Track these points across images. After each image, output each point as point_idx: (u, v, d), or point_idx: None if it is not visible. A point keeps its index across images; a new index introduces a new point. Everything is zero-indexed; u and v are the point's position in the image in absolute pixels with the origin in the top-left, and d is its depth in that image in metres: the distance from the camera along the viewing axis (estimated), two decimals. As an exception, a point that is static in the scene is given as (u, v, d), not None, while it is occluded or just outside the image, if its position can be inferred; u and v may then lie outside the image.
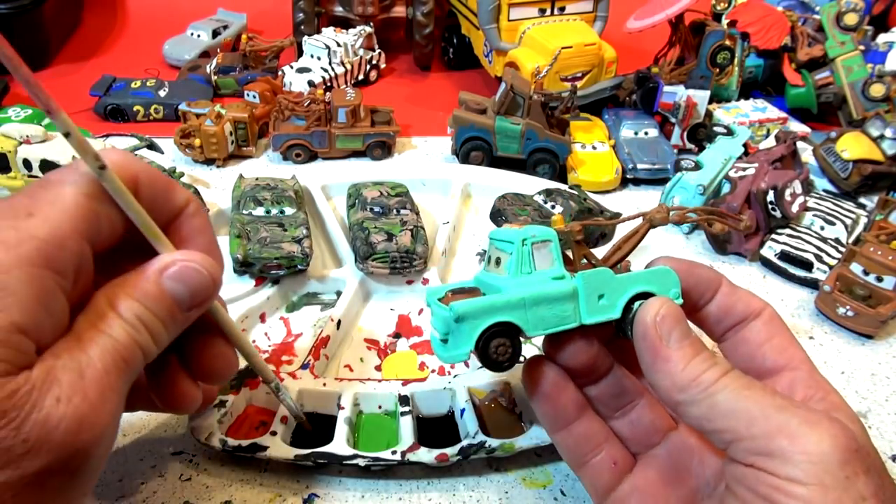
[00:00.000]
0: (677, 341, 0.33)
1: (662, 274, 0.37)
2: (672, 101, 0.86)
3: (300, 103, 0.84)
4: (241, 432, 0.49)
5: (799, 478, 0.28)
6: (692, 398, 0.32)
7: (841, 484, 0.27)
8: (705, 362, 0.33)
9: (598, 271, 0.36)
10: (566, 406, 0.38)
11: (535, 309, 0.35)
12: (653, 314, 0.34)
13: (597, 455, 0.38)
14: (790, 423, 0.29)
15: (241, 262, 0.59)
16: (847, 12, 0.90)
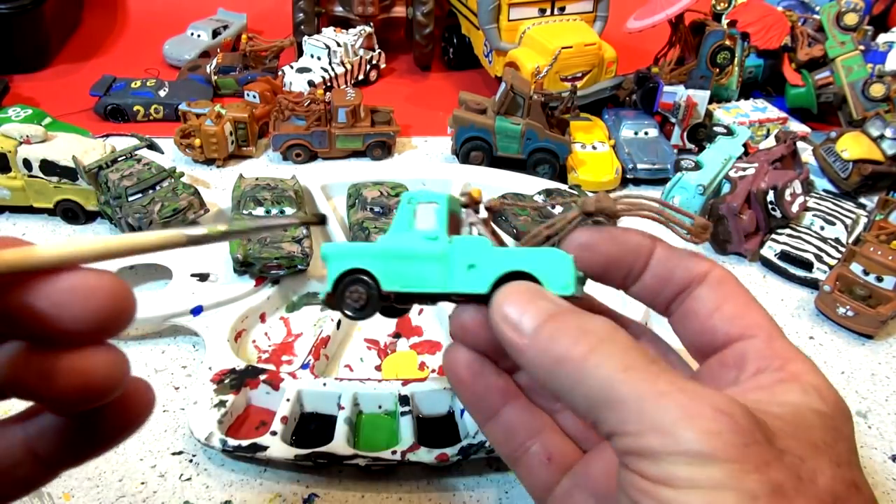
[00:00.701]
0: (532, 320, 0.28)
1: (552, 257, 0.31)
2: (672, 101, 0.86)
3: (300, 103, 0.84)
4: (241, 432, 0.49)
5: (670, 480, 0.23)
6: (562, 383, 0.26)
7: (723, 484, 0.22)
8: (571, 335, 0.26)
9: (474, 239, 0.32)
10: (485, 393, 0.33)
11: (395, 263, 0.32)
12: (500, 299, 0.29)
13: (528, 449, 0.33)
14: (666, 416, 0.23)
15: (241, 262, 0.59)
16: (847, 12, 0.90)
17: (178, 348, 0.58)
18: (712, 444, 0.23)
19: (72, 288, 0.22)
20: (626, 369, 0.25)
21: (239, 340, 0.58)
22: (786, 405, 0.26)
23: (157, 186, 0.68)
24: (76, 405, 0.23)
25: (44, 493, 0.46)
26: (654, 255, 0.31)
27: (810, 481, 0.23)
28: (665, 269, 0.31)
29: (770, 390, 0.27)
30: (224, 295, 0.59)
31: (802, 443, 0.24)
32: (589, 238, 0.32)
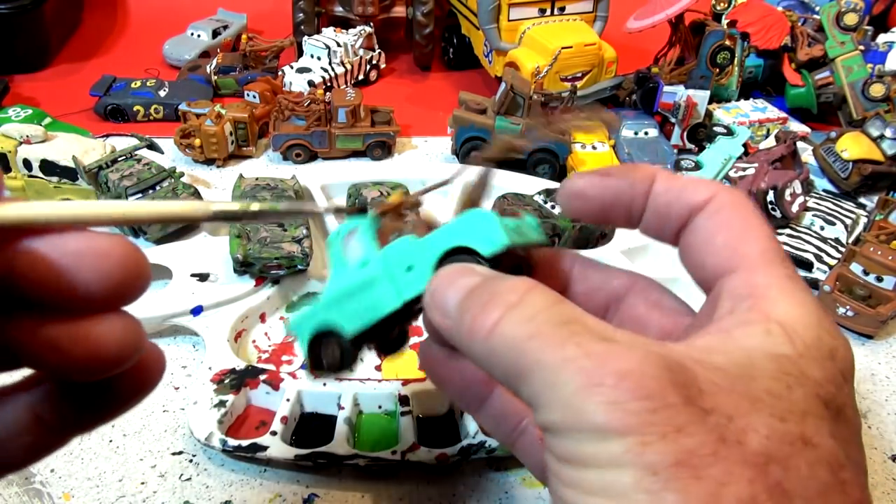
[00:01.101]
0: (454, 298, 0.26)
1: (471, 221, 0.29)
2: (672, 101, 0.86)
3: (300, 103, 0.84)
4: (241, 432, 0.49)
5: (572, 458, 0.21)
6: (479, 357, 0.24)
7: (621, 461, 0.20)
8: (479, 305, 0.24)
9: (397, 241, 0.31)
10: (467, 385, 0.32)
11: (343, 305, 0.31)
12: (428, 287, 0.28)
13: (522, 431, 0.32)
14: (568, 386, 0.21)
15: (241, 262, 0.59)
16: (847, 12, 0.90)
17: (178, 348, 0.58)
18: (610, 416, 0.20)
19: (80, 250, 0.21)
20: (530, 337, 0.22)
21: (239, 340, 0.58)
22: (735, 352, 0.22)
23: (157, 186, 0.68)
24: (88, 375, 0.22)
25: (44, 493, 0.46)
26: (653, 191, 0.28)
27: (736, 443, 0.20)
28: (664, 203, 0.28)
29: (727, 334, 0.23)
30: (224, 295, 0.59)
31: (737, 397, 0.21)
32: (581, 185, 0.29)
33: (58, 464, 0.48)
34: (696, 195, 0.27)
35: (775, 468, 0.20)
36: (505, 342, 0.23)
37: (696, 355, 0.22)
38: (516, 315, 0.23)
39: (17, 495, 0.46)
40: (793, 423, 0.21)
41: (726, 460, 0.20)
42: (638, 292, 0.30)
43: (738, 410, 0.21)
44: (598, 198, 0.29)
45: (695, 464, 0.20)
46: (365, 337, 0.32)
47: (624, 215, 0.29)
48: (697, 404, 0.20)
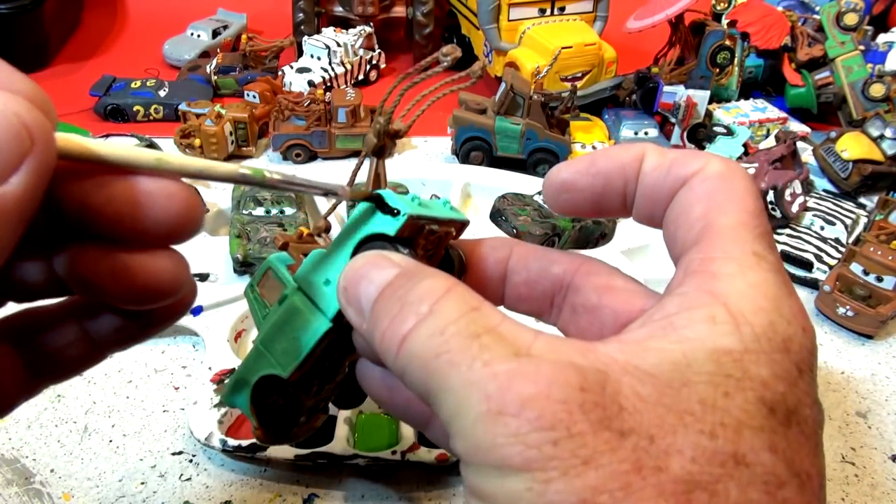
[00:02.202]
0: (368, 296, 0.23)
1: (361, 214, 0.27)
2: (672, 101, 0.86)
3: (300, 103, 0.84)
4: (241, 432, 0.49)
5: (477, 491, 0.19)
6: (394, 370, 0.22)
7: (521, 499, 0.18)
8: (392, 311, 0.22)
9: (308, 257, 0.28)
10: (407, 405, 0.29)
11: (274, 347, 0.28)
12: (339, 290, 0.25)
13: None
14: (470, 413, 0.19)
15: (241, 261, 0.59)
16: (847, 12, 0.90)
17: (178, 348, 0.58)
18: (511, 450, 0.18)
19: (153, 192, 0.22)
20: (438, 354, 0.20)
21: (239, 340, 0.58)
22: (672, 348, 0.20)
23: (157, 186, 0.68)
24: (141, 304, 0.23)
25: (43, 493, 0.46)
26: (642, 170, 0.25)
27: (654, 469, 0.18)
28: (654, 183, 0.24)
29: (668, 323, 0.21)
30: (224, 295, 0.59)
31: (663, 412, 0.18)
32: (566, 176, 0.26)
33: (58, 464, 0.48)
34: (686, 167, 0.24)
35: (700, 495, 0.18)
36: (413, 359, 0.20)
37: (625, 358, 0.20)
38: (426, 328, 0.20)
39: (17, 495, 0.46)
40: (724, 440, 0.18)
41: (641, 492, 0.17)
42: (584, 276, 0.27)
43: (662, 428, 0.18)
44: (588, 188, 0.26)
45: (602, 501, 0.17)
46: (309, 378, 0.28)
47: (618, 202, 0.25)
48: (613, 427, 0.18)
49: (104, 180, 0.22)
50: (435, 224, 0.27)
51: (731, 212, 0.22)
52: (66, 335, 0.25)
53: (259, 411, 0.29)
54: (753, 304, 0.20)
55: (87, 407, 0.52)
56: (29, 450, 0.49)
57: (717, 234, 0.22)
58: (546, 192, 0.27)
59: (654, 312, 0.21)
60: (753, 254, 0.21)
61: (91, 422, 0.51)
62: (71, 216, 0.22)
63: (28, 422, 0.51)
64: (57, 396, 0.53)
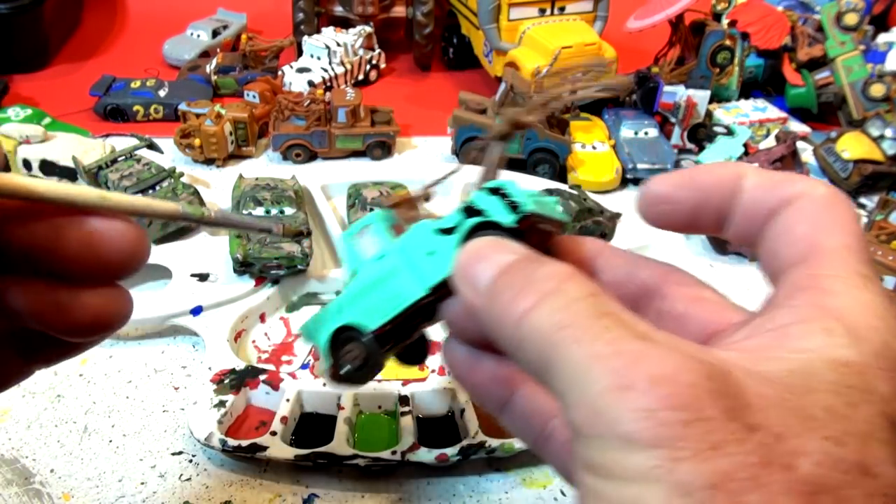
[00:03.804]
0: (486, 274, 0.24)
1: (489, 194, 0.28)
2: (672, 101, 0.86)
3: (300, 103, 0.84)
4: (241, 432, 0.49)
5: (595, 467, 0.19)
6: (508, 346, 0.22)
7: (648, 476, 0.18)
8: (514, 289, 0.22)
9: (415, 226, 0.29)
10: (488, 385, 0.30)
11: (365, 300, 0.30)
12: (457, 261, 0.26)
13: (549, 434, 0.30)
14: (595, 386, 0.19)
15: (241, 262, 0.59)
16: (847, 12, 0.90)
17: (178, 348, 0.58)
18: (639, 424, 0.18)
19: (102, 231, 0.24)
20: (562, 327, 0.20)
21: (239, 340, 0.58)
22: (791, 356, 0.20)
23: (157, 186, 0.68)
24: (83, 337, 0.25)
25: (43, 493, 0.46)
26: (743, 188, 0.25)
27: (782, 467, 0.18)
28: (754, 201, 0.25)
29: (782, 333, 0.21)
30: (224, 295, 0.59)
31: (789, 413, 0.19)
32: (663, 188, 0.26)
33: (58, 464, 0.48)
34: (791, 188, 0.24)
35: (825, 499, 0.18)
36: (535, 331, 0.21)
37: (744, 362, 0.20)
38: (550, 303, 0.21)
39: (17, 495, 0.46)
40: (851, 448, 0.18)
41: (768, 487, 0.17)
42: (673, 285, 0.27)
43: (789, 429, 0.18)
44: (686, 200, 0.26)
45: (732, 488, 0.17)
46: (388, 336, 0.30)
47: (714, 217, 0.26)
48: (741, 420, 0.18)
49: (54, 221, 0.23)
50: (546, 223, 0.28)
51: (837, 234, 0.22)
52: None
53: (333, 355, 0.31)
54: (866, 322, 0.20)
55: (87, 407, 0.52)
56: (29, 450, 0.49)
57: (824, 254, 0.22)
58: (641, 204, 0.27)
59: (764, 323, 0.22)
60: (860, 275, 0.22)
61: (91, 422, 0.51)
62: (17, 253, 0.23)
63: (28, 422, 0.51)
64: (57, 396, 0.53)
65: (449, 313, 0.28)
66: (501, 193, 0.27)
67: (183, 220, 0.26)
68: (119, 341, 0.58)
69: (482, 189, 0.28)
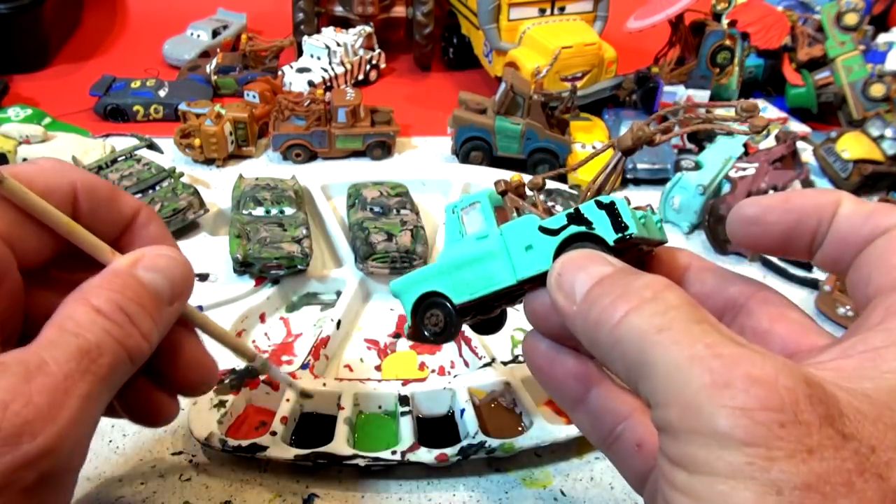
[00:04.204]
0: (583, 284, 0.25)
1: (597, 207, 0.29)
2: (672, 101, 0.86)
3: (300, 103, 0.84)
4: (241, 432, 0.49)
5: (686, 462, 0.20)
6: (602, 348, 0.24)
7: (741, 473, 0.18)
8: (613, 296, 0.24)
9: (520, 219, 0.31)
10: (564, 380, 0.31)
11: (457, 273, 0.32)
12: (555, 268, 0.27)
13: (618, 436, 0.30)
14: (691, 385, 0.20)
15: (241, 262, 0.59)
16: (847, 12, 0.90)
17: (178, 348, 0.58)
18: (735, 422, 0.19)
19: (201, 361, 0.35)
20: (661, 330, 0.22)
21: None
22: (885, 376, 0.21)
23: (157, 186, 0.68)
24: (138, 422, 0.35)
25: (44, 493, 0.46)
26: (838, 214, 0.26)
27: (876, 476, 0.18)
28: (850, 228, 0.25)
29: (876, 354, 0.21)
30: (224, 295, 0.59)
31: (883, 428, 0.19)
32: (757, 210, 0.27)
33: (58, 464, 0.48)
34: (888, 219, 0.25)
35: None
36: (632, 333, 0.22)
37: (838, 379, 0.20)
38: (650, 308, 0.22)
39: (17, 495, 0.46)
40: None
41: (861, 494, 0.18)
42: (759, 302, 0.28)
43: (883, 443, 0.19)
44: (779, 223, 0.27)
45: (826, 491, 0.18)
46: (469, 310, 0.32)
47: (806, 241, 0.26)
48: (835, 427, 0.19)
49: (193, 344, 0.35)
50: (646, 244, 0.29)
51: None
52: None
53: (416, 315, 0.34)
54: None
55: (87, 407, 0.52)
56: (29, 450, 0.49)
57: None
58: (732, 224, 0.28)
59: (855, 345, 0.22)
60: None
61: (91, 422, 0.51)
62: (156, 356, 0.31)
63: (28, 422, 0.51)
64: (57, 396, 0.53)
65: (534, 304, 0.30)
66: (611, 211, 0.28)
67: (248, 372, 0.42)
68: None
69: (593, 201, 0.29)
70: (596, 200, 0.29)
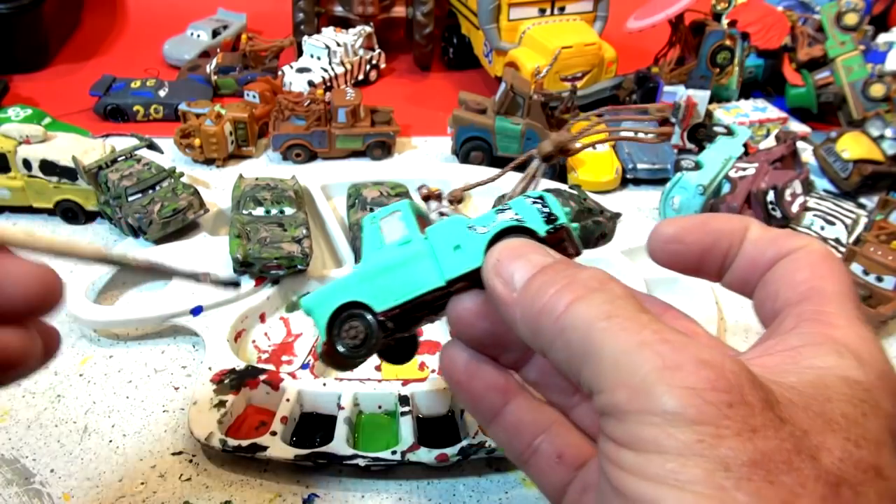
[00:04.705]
0: (523, 273, 0.26)
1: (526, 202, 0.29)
2: (672, 101, 0.86)
3: (300, 103, 0.84)
4: (241, 432, 0.49)
5: (634, 442, 0.20)
6: (545, 337, 0.24)
7: (691, 450, 0.19)
8: (557, 285, 0.24)
9: (447, 219, 0.30)
10: (484, 393, 0.30)
11: (380, 280, 0.30)
12: (492, 255, 0.27)
13: (536, 449, 0.30)
14: (641, 368, 0.20)
15: (241, 262, 0.59)
16: (847, 12, 0.90)
17: (178, 348, 0.58)
18: (685, 401, 0.19)
19: (11, 272, 0.24)
20: (608, 317, 0.22)
21: (239, 340, 0.58)
22: (807, 371, 0.22)
23: (157, 186, 0.68)
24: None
25: (43, 493, 0.46)
26: (747, 239, 0.28)
27: (810, 457, 0.19)
28: (757, 251, 0.27)
29: (795, 352, 0.23)
30: (224, 295, 0.59)
31: (812, 415, 0.20)
32: (676, 230, 0.28)
33: (58, 464, 0.48)
34: (792, 243, 0.27)
35: (847, 492, 0.19)
36: (578, 321, 0.23)
37: (765, 373, 0.21)
38: (597, 297, 0.23)
39: (17, 495, 0.46)
40: (867, 451, 0.20)
41: (800, 472, 0.19)
42: (671, 319, 0.29)
43: (814, 427, 0.20)
44: (697, 243, 0.28)
45: (769, 468, 0.19)
46: (391, 321, 0.30)
47: (718, 262, 0.28)
48: (774, 411, 0.20)
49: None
50: (570, 244, 0.29)
51: (834, 281, 0.25)
52: None
53: (332, 330, 0.30)
54: (868, 351, 0.23)
55: (87, 407, 0.52)
56: (29, 450, 0.49)
57: (824, 295, 0.25)
58: (652, 242, 0.29)
59: (774, 346, 0.24)
60: (857, 317, 0.24)
61: (91, 422, 0.51)
62: None
63: (28, 422, 0.51)
64: (57, 397, 0.53)
65: (458, 308, 0.29)
66: (542, 203, 0.28)
67: (107, 263, 0.28)
68: (119, 341, 0.58)
69: (522, 196, 0.29)
70: (525, 195, 0.29)
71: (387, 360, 0.34)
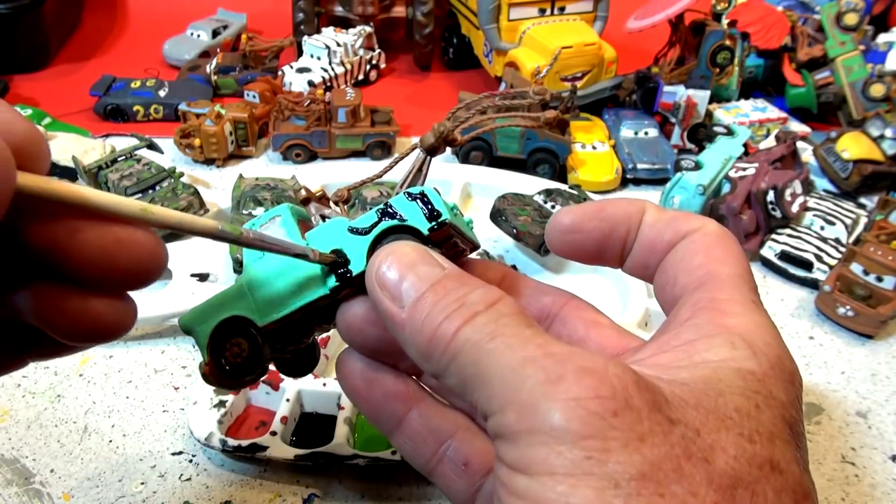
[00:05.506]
0: (413, 289, 0.24)
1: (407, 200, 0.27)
2: (672, 101, 0.86)
3: (300, 103, 0.84)
4: (241, 432, 0.49)
5: (526, 466, 0.19)
6: (437, 364, 0.23)
7: (580, 468, 0.18)
8: (448, 310, 0.23)
9: (327, 223, 0.28)
10: (383, 402, 0.29)
11: (260, 292, 0.27)
12: (376, 262, 0.25)
13: (442, 457, 0.28)
14: (526, 385, 0.20)
15: (240, 262, 0.59)
16: (847, 12, 0.90)
17: (178, 348, 0.58)
18: (569, 414, 0.19)
19: (124, 241, 0.23)
20: (493, 337, 0.21)
21: (239, 340, 0.58)
22: (700, 365, 0.22)
23: (157, 186, 0.68)
24: (83, 342, 0.24)
25: (43, 493, 0.46)
26: (643, 222, 0.27)
27: (702, 460, 0.19)
28: (654, 234, 0.27)
29: (689, 346, 0.23)
30: (224, 295, 0.59)
31: (704, 412, 0.20)
32: (573, 218, 0.28)
33: (58, 464, 0.48)
34: (687, 224, 0.27)
35: (742, 493, 0.19)
36: (467, 345, 0.22)
37: (657, 372, 0.21)
38: (481, 319, 0.22)
39: (17, 495, 0.46)
40: (761, 446, 0.20)
41: (691, 478, 0.18)
42: (572, 310, 0.29)
43: (706, 426, 0.20)
44: (595, 231, 0.28)
45: (659, 478, 0.18)
46: (279, 334, 0.28)
47: (618, 249, 0.28)
48: (663, 412, 0.19)
49: (77, 225, 0.22)
50: (460, 239, 0.28)
51: (729, 264, 0.25)
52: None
53: (214, 349, 0.27)
54: (762, 339, 0.22)
55: (87, 407, 0.52)
56: (29, 450, 0.49)
57: (720, 281, 0.25)
58: (550, 233, 0.28)
59: (669, 340, 0.23)
60: (752, 301, 0.24)
61: (91, 422, 0.51)
62: (34, 254, 0.22)
63: (28, 422, 0.51)
64: (57, 396, 0.53)
65: (347, 315, 0.27)
66: (423, 200, 0.27)
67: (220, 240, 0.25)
68: (119, 341, 0.58)
69: (403, 193, 0.27)
70: (406, 192, 0.27)
71: (286, 373, 0.31)
